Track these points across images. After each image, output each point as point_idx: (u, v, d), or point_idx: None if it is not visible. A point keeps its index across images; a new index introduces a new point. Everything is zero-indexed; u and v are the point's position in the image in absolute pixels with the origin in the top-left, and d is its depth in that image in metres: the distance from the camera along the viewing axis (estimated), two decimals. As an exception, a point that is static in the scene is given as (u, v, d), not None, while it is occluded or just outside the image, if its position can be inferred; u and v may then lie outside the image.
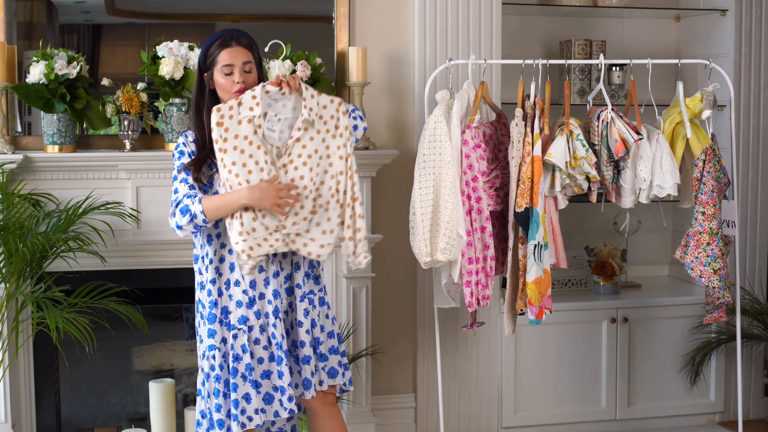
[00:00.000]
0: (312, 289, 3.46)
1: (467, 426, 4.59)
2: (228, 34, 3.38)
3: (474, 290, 3.81)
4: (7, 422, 4.05)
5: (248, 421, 3.33)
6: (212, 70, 3.36)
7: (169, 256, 4.15)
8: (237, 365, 3.34)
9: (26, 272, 3.83)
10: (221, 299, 3.37)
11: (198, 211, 3.23)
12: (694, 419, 4.81)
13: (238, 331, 3.35)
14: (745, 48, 4.74)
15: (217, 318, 3.37)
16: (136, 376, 4.56)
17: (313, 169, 3.37)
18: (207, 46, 3.38)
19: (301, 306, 3.43)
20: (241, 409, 3.33)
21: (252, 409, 3.33)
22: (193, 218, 3.24)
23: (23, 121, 4.24)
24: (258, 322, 3.36)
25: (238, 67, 3.34)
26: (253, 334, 3.36)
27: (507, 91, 4.46)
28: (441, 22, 4.38)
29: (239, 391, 3.33)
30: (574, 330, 4.62)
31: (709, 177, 3.86)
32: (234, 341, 3.35)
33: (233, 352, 3.34)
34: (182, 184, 3.33)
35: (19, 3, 4.20)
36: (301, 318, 3.43)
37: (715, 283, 3.89)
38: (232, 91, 3.34)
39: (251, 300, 3.36)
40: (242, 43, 3.38)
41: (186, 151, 3.37)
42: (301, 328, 3.43)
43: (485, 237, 3.82)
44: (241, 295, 3.35)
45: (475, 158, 3.79)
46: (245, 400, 3.33)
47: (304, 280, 3.45)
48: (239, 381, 3.34)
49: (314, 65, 4.17)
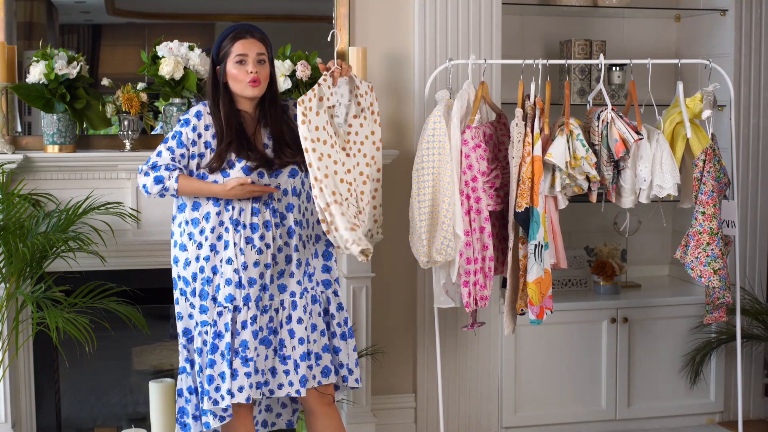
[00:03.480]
0: (307, 287, 3.48)
1: (467, 426, 4.59)
2: (242, 27, 3.42)
3: (472, 290, 3.81)
4: (7, 422, 4.05)
5: (221, 400, 3.35)
6: (225, 63, 3.37)
7: (169, 256, 4.14)
8: (218, 342, 3.37)
9: (26, 272, 3.83)
10: (215, 277, 3.39)
11: (172, 187, 3.35)
12: (694, 419, 4.81)
13: (224, 309, 3.37)
14: (745, 48, 4.74)
15: (210, 295, 3.39)
16: (136, 376, 4.56)
17: (366, 155, 3.56)
18: (220, 39, 3.41)
19: (300, 302, 3.44)
20: (215, 386, 3.34)
21: (225, 389, 3.34)
22: (164, 190, 3.36)
23: (23, 121, 4.24)
24: (242, 304, 3.38)
25: (252, 58, 3.36)
26: (236, 315, 3.38)
27: (507, 91, 4.46)
28: (441, 22, 4.38)
29: (216, 368, 3.37)
30: (574, 330, 4.62)
31: (709, 177, 3.86)
32: (218, 318, 3.37)
33: (215, 329, 3.36)
34: (167, 152, 3.39)
35: (19, 3, 4.20)
36: (301, 314, 3.44)
37: (715, 283, 3.89)
38: (245, 81, 3.36)
39: (239, 281, 3.37)
40: (256, 36, 3.40)
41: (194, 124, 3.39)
42: (300, 325, 3.44)
43: (484, 237, 3.82)
44: (231, 274, 3.38)
45: (475, 158, 3.79)
46: (220, 378, 3.35)
47: (304, 277, 3.46)
48: (217, 358, 3.37)
49: (314, 65, 4.17)
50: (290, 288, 3.46)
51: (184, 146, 3.39)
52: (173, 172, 3.35)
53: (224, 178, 3.38)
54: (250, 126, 3.46)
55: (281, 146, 3.44)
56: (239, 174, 3.37)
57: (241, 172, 3.37)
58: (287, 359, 3.45)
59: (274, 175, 3.42)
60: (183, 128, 3.40)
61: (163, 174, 3.35)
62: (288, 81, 4.09)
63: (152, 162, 3.38)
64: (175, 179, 3.35)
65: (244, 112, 3.45)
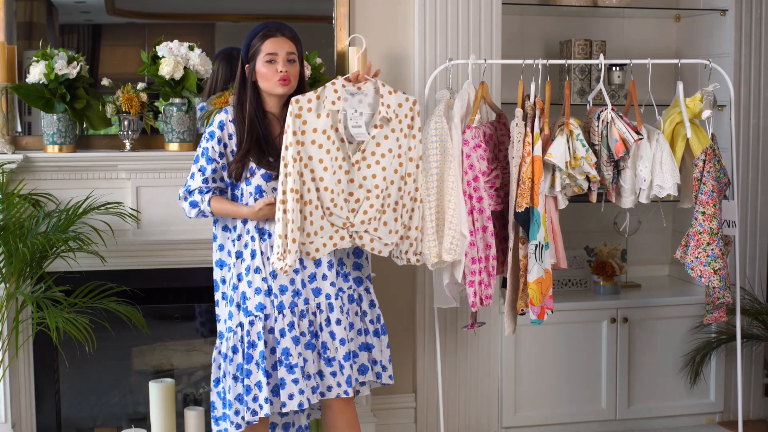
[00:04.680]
0: (342, 287, 3.48)
1: (467, 426, 4.59)
2: (272, 25, 3.41)
3: (477, 290, 3.81)
4: (7, 422, 4.05)
5: (259, 409, 3.35)
6: (254, 61, 3.36)
7: (169, 256, 4.15)
8: (252, 352, 3.37)
9: (26, 272, 3.83)
10: (240, 284, 3.40)
11: (207, 211, 3.42)
12: (694, 419, 4.81)
13: (255, 317, 3.37)
14: (745, 48, 4.74)
15: (235, 302, 3.39)
16: (136, 376, 4.56)
17: (386, 169, 3.43)
18: (250, 37, 3.40)
19: (336, 304, 3.44)
20: (253, 396, 3.35)
21: (263, 398, 3.35)
22: (201, 214, 3.43)
23: (23, 121, 4.24)
24: (275, 312, 3.37)
25: (282, 56, 3.36)
26: (268, 323, 3.38)
27: (507, 91, 4.46)
28: (441, 22, 4.38)
29: (252, 378, 3.36)
30: (574, 330, 4.62)
31: (709, 177, 3.86)
32: (250, 327, 3.37)
33: (249, 339, 3.37)
34: (199, 174, 3.43)
35: (19, 3, 4.20)
36: (339, 315, 3.45)
37: (715, 283, 3.89)
38: (274, 80, 3.35)
39: (269, 289, 3.37)
40: (286, 35, 3.39)
41: (218, 136, 3.40)
42: (339, 326, 3.45)
43: (487, 236, 3.82)
44: (260, 282, 3.38)
45: (475, 158, 3.79)
46: (257, 388, 3.35)
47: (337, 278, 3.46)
48: (253, 368, 3.37)
49: (314, 65, 4.17)
50: (324, 290, 3.46)
51: (213, 161, 3.42)
52: (206, 195, 3.42)
53: (247, 187, 3.40)
54: (276, 127, 3.45)
55: None
56: (260, 181, 3.38)
57: (262, 179, 3.38)
58: (332, 361, 3.45)
59: None
60: (209, 143, 3.42)
61: (197, 198, 3.42)
62: (288, 81, 4.09)
63: (187, 186, 3.45)
64: (207, 202, 3.41)
65: (270, 113, 3.45)
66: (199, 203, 3.41)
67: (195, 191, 3.42)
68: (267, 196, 3.40)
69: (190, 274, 4.20)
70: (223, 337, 3.47)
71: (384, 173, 3.43)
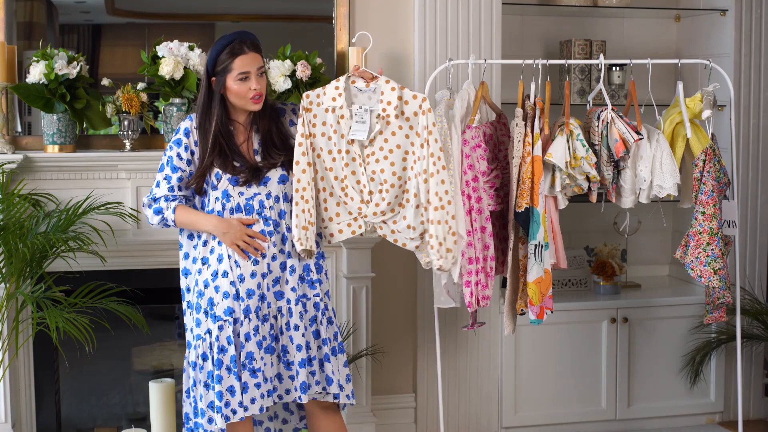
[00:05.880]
0: (306, 293, 3.47)
1: (467, 426, 4.59)
2: (237, 39, 3.35)
3: (474, 290, 3.81)
4: (7, 422, 4.05)
5: (232, 414, 3.33)
6: (224, 77, 3.34)
7: (168, 256, 4.15)
8: (222, 357, 3.35)
9: (26, 272, 3.83)
10: (206, 290, 3.39)
11: (170, 218, 3.41)
12: (694, 419, 4.81)
13: (224, 322, 3.36)
14: (745, 48, 4.74)
15: (202, 308, 3.38)
16: (136, 376, 4.56)
17: (394, 164, 3.50)
18: (217, 52, 3.34)
19: (296, 309, 3.43)
20: (225, 402, 3.33)
21: (236, 402, 3.33)
22: (164, 221, 3.42)
23: (23, 121, 4.24)
24: (242, 316, 3.37)
25: (254, 73, 3.35)
26: (237, 327, 3.37)
27: (507, 91, 4.46)
28: (441, 22, 4.38)
29: (224, 383, 3.34)
30: (574, 330, 4.62)
31: (709, 177, 3.86)
32: (219, 332, 3.35)
33: (218, 344, 3.35)
34: (164, 182, 3.42)
35: (19, 3, 4.20)
36: (297, 321, 3.43)
37: (715, 283, 3.89)
38: (248, 97, 3.35)
39: (237, 293, 3.36)
40: (254, 49, 3.36)
41: (185, 143, 3.40)
42: (296, 332, 3.43)
43: (485, 237, 3.82)
44: (228, 287, 3.36)
45: (475, 158, 3.79)
46: (229, 393, 3.34)
47: (299, 283, 3.45)
48: (224, 373, 3.34)
49: (314, 65, 4.16)
50: (286, 295, 3.45)
51: (179, 170, 3.41)
52: (171, 202, 3.40)
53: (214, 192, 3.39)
54: (242, 135, 3.44)
55: (268, 147, 3.43)
56: (226, 185, 3.37)
57: (229, 183, 3.37)
58: (291, 365, 3.45)
59: (263, 183, 3.40)
60: (174, 150, 3.40)
61: (162, 205, 3.41)
62: (288, 81, 4.09)
63: (152, 194, 3.43)
64: (172, 210, 3.40)
65: (236, 122, 3.43)
66: (164, 211, 3.39)
67: (161, 198, 3.40)
68: (233, 201, 3.39)
69: (190, 274, 4.20)
70: (191, 346, 3.44)
71: (392, 168, 3.49)
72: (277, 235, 3.44)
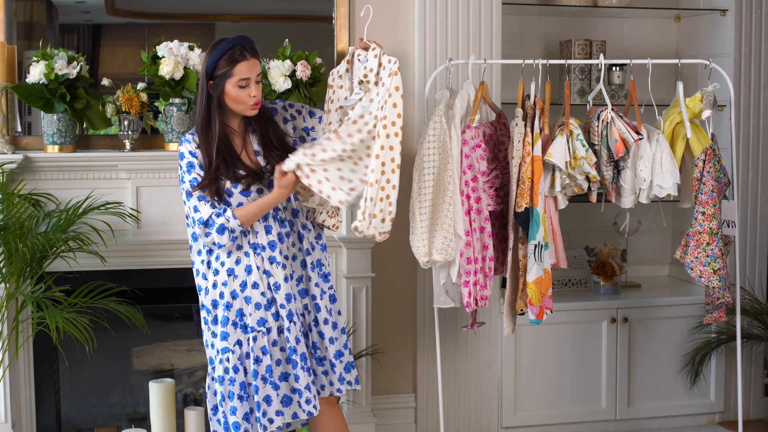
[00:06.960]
0: (323, 288, 3.51)
1: (467, 426, 4.59)
2: (237, 44, 3.31)
3: (472, 290, 3.81)
4: (7, 422, 4.05)
5: (269, 424, 3.34)
6: (223, 82, 3.32)
7: (168, 256, 4.15)
8: (257, 367, 3.34)
9: (26, 272, 3.83)
10: (235, 302, 3.36)
11: (236, 225, 3.28)
12: (694, 419, 4.81)
13: (258, 333, 3.35)
14: (745, 48, 4.74)
15: (230, 320, 3.36)
16: (136, 376, 4.56)
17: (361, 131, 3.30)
18: (216, 58, 3.30)
19: (322, 304, 3.46)
20: (263, 412, 3.33)
21: (273, 411, 3.34)
22: (232, 233, 3.29)
23: (23, 121, 4.25)
24: (276, 324, 3.37)
25: (254, 80, 3.33)
26: (271, 336, 3.36)
27: (507, 91, 4.46)
28: (441, 22, 4.38)
29: (260, 393, 3.33)
30: (574, 330, 4.62)
31: (709, 177, 3.86)
32: (254, 343, 3.34)
33: (254, 354, 3.34)
34: (202, 203, 3.30)
35: (19, 3, 4.20)
36: (326, 315, 3.47)
37: (715, 283, 3.89)
38: (247, 104, 3.33)
39: (269, 302, 3.36)
40: (254, 55, 3.35)
41: (196, 163, 3.33)
42: (326, 326, 3.47)
43: (484, 237, 3.82)
44: (260, 297, 3.35)
45: (475, 158, 3.79)
46: (266, 403, 3.34)
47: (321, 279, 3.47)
48: (260, 383, 3.34)
49: (314, 65, 4.17)
50: (311, 291, 3.47)
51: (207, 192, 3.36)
52: (225, 213, 3.28)
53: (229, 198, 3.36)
54: (238, 141, 3.41)
55: (269, 149, 3.42)
56: (239, 199, 3.34)
57: (242, 196, 3.35)
58: (323, 360, 3.47)
59: (271, 186, 3.39)
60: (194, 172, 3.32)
61: (220, 221, 3.27)
62: (288, 81, 4.09)
63: (200, 220, 3.29)
64: (232, 217, 3.27)
65: (230, 128, 3.40)
66: (225, 224, 3.26)
67: (211, 217, 3.28)
68: None
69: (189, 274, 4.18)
70: (214, 362, 3.41)
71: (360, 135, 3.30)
72: (294, 235, 3.44)
